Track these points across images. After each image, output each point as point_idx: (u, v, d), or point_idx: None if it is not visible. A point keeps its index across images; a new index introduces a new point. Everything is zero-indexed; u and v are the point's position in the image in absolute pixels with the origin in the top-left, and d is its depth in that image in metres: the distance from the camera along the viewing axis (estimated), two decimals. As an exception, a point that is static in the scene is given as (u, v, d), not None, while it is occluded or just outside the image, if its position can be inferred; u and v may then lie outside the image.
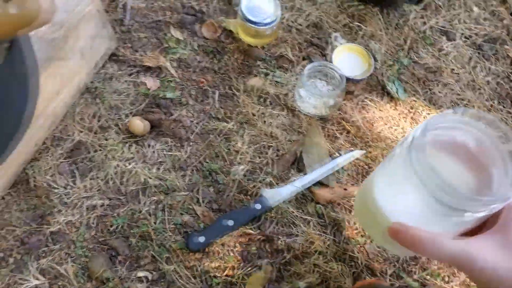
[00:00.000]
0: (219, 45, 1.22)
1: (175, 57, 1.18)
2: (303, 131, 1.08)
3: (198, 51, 1.20)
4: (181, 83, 1.15)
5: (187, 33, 1.23)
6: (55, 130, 1.02)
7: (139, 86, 1.13)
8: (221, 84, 1.16)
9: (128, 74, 1.13)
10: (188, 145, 1.05)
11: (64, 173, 0.99)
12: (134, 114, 1.08)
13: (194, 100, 1.13)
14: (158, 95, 1.12)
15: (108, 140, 1.03)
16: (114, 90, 1.10)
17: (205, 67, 1.18)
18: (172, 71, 1.16)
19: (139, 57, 1.16)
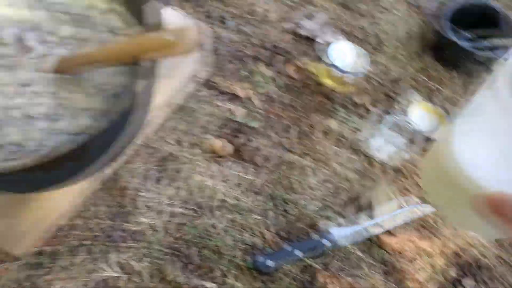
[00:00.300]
0: (300, 84, 1.30)
1: (261, 91, 1.28)
2: (375, 178, 1.13)
3: (282, 88, 1.29)
4: (264, 115, 1.23)
5: (273, 70, 1.33)
6: (150, 140, 1.13)
7: (227, 112, 1.22)
8: (300, 121, 1.23)
9: (219, 99, 1.24)
10: (264, 173, 1.12)
11: (151, 179, 1.08)
12: (220, 136, 1.17)
13: (274, 132, 1.21)
14: (243, 123, 1.21)
15: (195, 155, 1.12)
16: (205, 112, 1.20)
17: (287, 104, 1.27)
18: (257, 103, 1.25)
19: (229, 86, 1.27)
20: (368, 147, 1.17)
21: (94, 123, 0.79)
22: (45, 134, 0.76)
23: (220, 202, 1.06)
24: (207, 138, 1.16)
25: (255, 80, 1.29)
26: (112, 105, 0.81)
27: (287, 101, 1.27)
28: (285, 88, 1.30)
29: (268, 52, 1.36)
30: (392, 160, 1.13)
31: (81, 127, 0.78)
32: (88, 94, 0.81)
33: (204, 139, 1.16)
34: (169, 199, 1.05)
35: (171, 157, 1.12)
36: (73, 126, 0.78)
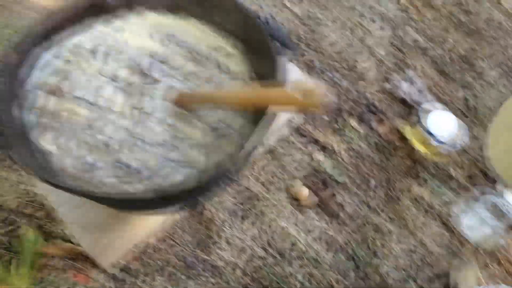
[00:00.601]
0: (391, 146, 1.29)
1: (349, 145, 1.28)
2: (465, 259, 1.07)
3: (371, 146, 1.29)
4: (350, 170, 1.23)
5: (364, 126, 1.33)
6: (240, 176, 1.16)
7: (313, 160, 1.23)
8: (386, 181, 1.21)
9: (308, 148, 1.26)
10: (347, 230, 1.11)
11: (235, 216, 1.10)
12: (306, 184, 1.18)
13: (358, 189, 1.20)
14: (328, 174, 1.21)
15: (280, 200, 1.13)
16: (294, 158, 1.22)
17: (374, 162, 1.25)
18: (344, 157, 1.25)
19: (320, 136, 1.29)
20: (459, 224, 1.12)
21: (203, 158, 0.83)
22: (158, 161, 0.82)
23: (300, 253, 1.05)
24: (293, 185, 1.17)
25: (346, 134, 1.30)
26: (222, 144, 0.85)
27: (376, 161, 1.26)
28: (376, 147, 1.29)
29: (363, 109, 1.37)
30: (486, 243, 1.06)
31: (190, 160, 0.82)
32: (201, 130, 0.85)
33: (291, 185, 1.17)
34: (252, 239, 1.06)
35: (257, 198, 1.14)
36: (184, 158, 0.82)
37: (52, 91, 0.85)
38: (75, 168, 0.78)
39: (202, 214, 1.08)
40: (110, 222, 0.92)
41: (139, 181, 0.78)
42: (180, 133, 0.85)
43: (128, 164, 0.79)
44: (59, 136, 0.80)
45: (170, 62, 0.92)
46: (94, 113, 0.83)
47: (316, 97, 0.68)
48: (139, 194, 0.75)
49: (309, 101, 0.69)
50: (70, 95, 0.85)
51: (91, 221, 0.92)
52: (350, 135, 1.30)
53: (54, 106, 0.84)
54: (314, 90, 0.68)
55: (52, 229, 1.06)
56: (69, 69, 0.88)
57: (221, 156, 0.82)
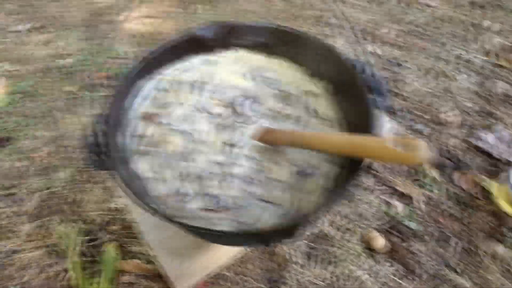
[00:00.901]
0: (472, 200, 1.23)
1: (426, 193, 1.24)
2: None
3: (450, 197, 1.24)
4: (426, 219, 1.18)
5: (445, 177, 1.29)
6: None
7: (388, 206, 1.21)
8: (465, 237, 1.15)
9: (381, 191, 1.23)
10: (419, 283, 1.06)
11: (307, 258, 1.10)
12: (377, 229, 1.15)
13: (434, 240, 1.15)
14: (402, 222, 1.17)
15: (349, 243, 1.12)
16: (366, 201, 1.20)
17: (452, 215, 1.20)
18: (421, 205, 1.21)
19: (395, 180, 1.26)
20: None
21: (287, 198, 0.84)
22: (239, 193, 0.84)
23: (370, 301, 1.02)
24: (364, 228, 1.15)
25: (423, 182, 1.26)
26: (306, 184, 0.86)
27: (454, 213, 1.21)
28: (454, 198, 1.24)
29: (444, 160, 1.33)
30: None
31: (275, 199, 0.83)
32: (286, 169, 0.87)
33: (361, 228, 1.15)
34: (317, 279, 1.05)
35: (331, 242, 1.13)
36: (268, 195, 0.84)
37: (151, 120, 0.91)
38: (168, 196, 0.82)
39: (275, 252, 1.09)
40: (193, 250, 0.96)
41: (226, 216, 0.81)
42: (267, 171, 0.86)
43: (218, 197, 0.82)
44: (156, 164, 0.85)
45: (261, 101, 0.95)
46: (189, 145, 0.88)
47: (418, 152, 0.67)
48: (225, 228, 0.77)
49: (410, 156, 0.67)
50: (168, 126, 0.90)
51: (177, 246, 0.96)
52: (430, 186, 1.26)
53: (152, 134, 0.89)
54: (416, 145, 0.67)
55: (131, 248, 1.12)
56: (168, 101, 0.94)
57: (305, 197, 0.83)
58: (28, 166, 1.32)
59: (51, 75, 1.58)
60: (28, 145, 1.37)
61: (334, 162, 0.88)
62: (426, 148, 0.67)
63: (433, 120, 1.40)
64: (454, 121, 1.39)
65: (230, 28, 0.98)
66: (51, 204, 1.23)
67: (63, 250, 1.13)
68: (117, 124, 0.89)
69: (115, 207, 1.20)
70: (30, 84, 1.55)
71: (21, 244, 1.15)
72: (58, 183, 1.26)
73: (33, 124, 1.43)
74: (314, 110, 0.94)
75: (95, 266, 1.10)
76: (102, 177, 1.27)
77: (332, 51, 0.92)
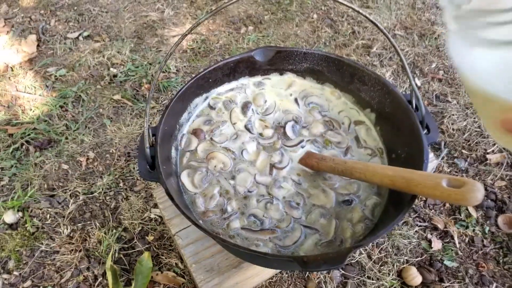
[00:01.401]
0: (510, 241, 1.19)
1: (468, 233, 1.21)
2: None
3: (488, 237, 1.20)
4: (461, 257, 1.15)
5: (481, 214, 1.25)
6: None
7: (423, 240, 1.18)
8: (503, 279, 1.11)
9: (418, 225, 1.21)
10: (456, 326, 1.03)
11: (338, 283, 1.08)
12: (414, 265, 1.13)
13: (470, 279, 1.11)
14: (437, 257, 1.15)
15: (383, 274, 1.10)
16: (405, 235, 1.18)
17: (489, 254, 1.16)
18: (457, 242, 1.18)
19: (432, 214, 1.23)
20: None
21: (325, 224, 0.84)
22: (283, 216, 0.84)
23: None
24: (401, 263, 1.13)
25: (460, 217, 1.23)
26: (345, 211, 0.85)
27: (492, 253, 1.17)
28: (491, 237, 1.20)
29: (487, 200, 1.29)
30: None
31: (315, 224, 0.83)
32: (329, 194, 0.87)
33: (398, 263, 1.13)
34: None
35: (368, 275, 1.11)
36: (305, 217, 0.84)
37: (202, 136, 0.94)
38: (214, 213, 0.84)
39: (309, 278, 1.08)
40: (228, 268, 0.96)
41: (269, 237, 0.81)
42: (312, 197, 0.87)
43: (262, 219, 0.83)
44: (204, 180, 0.87)
45: (312, 128, 0.96)
46: (237, 164, 0.90)
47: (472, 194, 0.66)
48: (267, 250, 0.78)
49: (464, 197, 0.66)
50: (218, 143, 0.93)
51: (212, 263, 0.97)
52: (465, 219, 1.23)
53: (203, 150, 0.92)
54: (471, 187, 0.66)
55: (166, 260, 1.13)
56: (220, 119, 0.97)
57: (349, 227, 0.83)
58: (73, 169, 1.37)
59: (101, 82, 1.65)
60: (75, 149, 1.42)
61: (378, 194, 0.88)
62: (481, 190, 0.65)
63: (479, 160, 1.37)
64: (501, 162, 1.36)
65: (281, 53, 1.01)
66: (92, 208, 1.27)
67: (100, 255, 1.16)
68: (170, 138, 0.92)
69: (154, 217, 1.22)
70: (81, 89, 1.62)
71: (61, 245, 1.19)
72: (100, 189, 1.30)
73: (81, 129, 1.49)
74: (361, 139, 0.95)
75: (129, 274, 1.12)
76: (143, 186, 1.30)
77: (385, 83, 0.92)
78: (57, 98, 1.60)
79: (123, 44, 1.84)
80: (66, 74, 1.71)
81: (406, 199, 0.74)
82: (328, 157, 0.91)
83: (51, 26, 1.96)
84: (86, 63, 1.75)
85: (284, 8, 2.05)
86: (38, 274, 1.14)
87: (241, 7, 2.04)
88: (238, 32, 1.91)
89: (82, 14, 2.02)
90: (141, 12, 2.02)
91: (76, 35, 1.89)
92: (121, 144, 1.43)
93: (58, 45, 1.84)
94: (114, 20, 1.99)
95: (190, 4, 2.07)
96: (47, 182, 1.33)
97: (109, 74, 1.70)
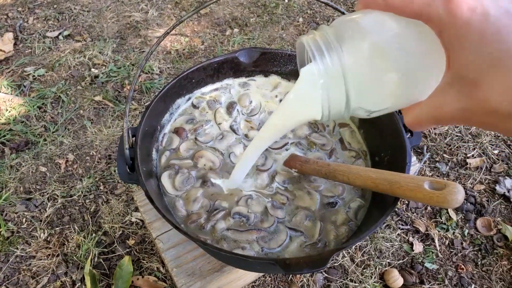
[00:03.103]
0: (488, 243, 1.21)
1: (448, 236, 1.22)
2: None
3: (466, 238, 1.22)
4: (441, 259, 1.17)
5: (461, 217, 1.27)
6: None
7: (405, 242, 1.19)
8: (481, 281, 1.13)
9: (400, 228, 1.22)
10: (437, 328, 1.03)
11: (321, 286, 1.08)
12: (396, 267, 1.13)
13: (449, 281, 1.12)
14: (418, 259, 1.16)
15: (364, 276, 1.10)
16: (384, 236, 1.19)
17: (468, 256, 1.18)
18: (437, 244, 1.20)
19: (413, 217, 1.25)
20: None
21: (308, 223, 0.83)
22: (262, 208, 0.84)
23: None
24: (383, 265, 1.13)
25: (440, 220, 1.25)
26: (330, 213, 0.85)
27: (470, 255, 1.19)
28: (470, 240, 1.22)
29: (467, 203, 1.31)
30: None
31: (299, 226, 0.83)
32: (310, 194, 0.87)
33: (378, 263, 1.13)
34: (336, 316, 1.03)
35: (350, 278, 1.11)
36: (293, 222, 0.83)
37: (185, 136, 0.92)
38: (198, 215, 0.82)
39: (292, 281, 1.07)
40: (210, 272, 0.95)
41: (255, 238, 0.80)
42: (296, 199, 0.87)
43: (247, 215, 0.82)
44: (186, 183, 0.86)
45: (297, 130, 0.96)
46: (221, 165, 0.89)
47: (454, 196, 0.66)
48: (252, 253, 0.77)
49: (445, 199, 0.67)
50: (202, 143, 0.91)
51: (193, 267, 0.95)
52: (445, 222, 1.25)
53: (186, 150, 0.90)
54: (453, 189, 0.66)
55: (146, 264, 1.11)
56: (204, 118, 0.96)
57: (333, 229, 0.83)
58: (51, 171, 1.33)
59: (82, 83, 1.62)
60: (54, 151, 1.38)
61: (362, 196, 0.88)
62: (461, 192, 0.66)
63: (460, 164, 1.39)
64: (480, 166, 1.38)
65: (266, 54, 1.00)
66: (71, 212, 1.23)
67: (78, 259, 1.13)
68: (151, 139, 0.90)
69: (135, 221, 1.20)
70: (60, 90, 1.58)
71: (37, 250, 1.15)
72: (80, 192, 1.27)
73: (60, 130, 1.45)
74: (346, 141, 0.95)
75: (109, 279, 1.09)
76: (124, 189, 1.28)
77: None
78: (35, 99, 1.56)
79: (105, 44, 1.80)
80: (45, 74, 1.67)
81: (389, 202, 0.75)
82: (312, 160, 0.90)
83: (29, 24, 1.91)
84: (66, 63, 1.71)
85: (270, 11, 2.05)
86: (13, 280, 1.10)
87: (227, 9, 2.03)
88: (223, 34, 1.90)
89: (63, 13, 1.98)
90: (124, 12, 1.99)
91: (56, 34, 1.85)
92: (101, 146, 1.40)
93: (37, 44, 1.80)
94: (96, 19, 1.95)
95: (175, 5, 2.05)
96: (23, 185, 1.29)
97: (90, 74, 1.66)
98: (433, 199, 0.68)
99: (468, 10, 0.29)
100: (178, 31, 1.88)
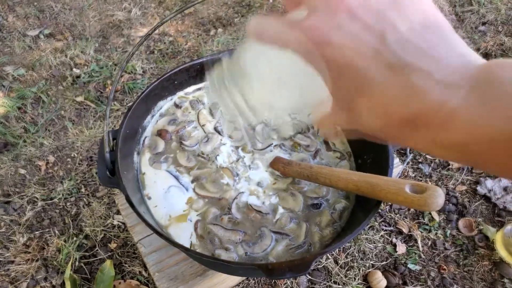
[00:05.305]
0: (470, 243, 1.23)
1: (431, 237, 1.23)
2: None
3: (453, 243, 1.23)
4: (424, 260, 1.18)
5: (443, 217, 1.29)
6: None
7: (389, 244, 1.20)
8: (463, 281, 1.14)
9: (383, 229, 1.23)
10: (420, 329, 1.04)
11: (303, 286, 1.08)
12: (379, 269, 1.14)
13: (432, 282, 1.14)
14: (401, 260, 1.17)
15: (348, 278, 1.10)
16: (368, 238, 1.20)
17: (450, 257, 1.20)
18: (420, 245, 1.21)
19: (396, 218, 1.26)
20: None
21: (293, 225, 0.83)
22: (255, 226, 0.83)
23: None
24: (366, 267, 1.14)
25: (423, 221, 1.26)
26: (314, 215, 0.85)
27: (452, 255, 1.20)
28: (452, 240, 1.23)
29: (448, 204, 1.33)
30: None
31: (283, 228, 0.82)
32: (294, 196, 0.87)
33: (362, 265, 1.14)
34: (320, 318, 1.03)
35: (334, 280, 1.11)
36: (278, 225, 0.83)
37: (168, 137, 0.91)
38: (178, 218, 0.81)
39: (276, 284, 1.07)
40: (192, 276, 0.94)
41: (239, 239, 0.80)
42: (280, 200, 0.86)
43: (236, 218, 0.81)
44: (169, 184, 0.85)
45: (281, 131, 0.96)
46: (205, 166, 0.88)
47: (434, 200, 0.67)
48: (235, 258, 0.76)
49: (426, 203, 0.67)
50: (186, 146, 0.90)
51: (175, 271, 0.94)
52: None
53: (166, 150, 0.89)
54: (433, 193, 0.67)
55: (128, 268, 1.09)
56: (186, 119, 0.94)
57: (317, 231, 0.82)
58: (31, 174, 1.30)
59: (63, 83, 1.58)
60: (34, 153, 1.35)
61: (347, 197, 0.88)
62: (442, 195, 0.67)
63: (442, 165, 1.41)
64: (462, 167, 1.40)
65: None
66: (51, 215, 1.20)
67: (59, 264, 1.10)
68: (133, 142, 0.89)
69: (117, 224, 1.18)
70: (41, 90, 1.55)
71: (16, 254, 1.12)
72: (61, 194, 1.24)
73: (40, 131, 1.42)
74: (330, 142, 0.95)
75: (90, 284, 1.07)
76: (106, 192, 1.25)
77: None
78: (15, 99, 1.52)
79: (87, 44, 1.77)
80: (25, 73, 1.63)
81: (372, 203, 0.75)
82: (294, 162, 0.90)
83: (8, 22, 1.86)
84: (47, 63, 1.68)
85: (254, 11, 2.04)
86: (-11, 285, 1.07)
87: (211, 9, 2.02)
88: (207, 34, 1.88)
89: (43, 11, 1.93)
90: (106, 11, 1.96)
91: (37, 33, 1.81)
92: (83, 147, 1.37)
93: (17, 43, 1.75)
94: (78, 18, 1.92)
95: (158, 4, 2.03)
96: (1, 187, 1.26)
97: (72, 74, 1.63)
98: (413, 202, 0.69)
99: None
100: (161, 30, 1.85)
